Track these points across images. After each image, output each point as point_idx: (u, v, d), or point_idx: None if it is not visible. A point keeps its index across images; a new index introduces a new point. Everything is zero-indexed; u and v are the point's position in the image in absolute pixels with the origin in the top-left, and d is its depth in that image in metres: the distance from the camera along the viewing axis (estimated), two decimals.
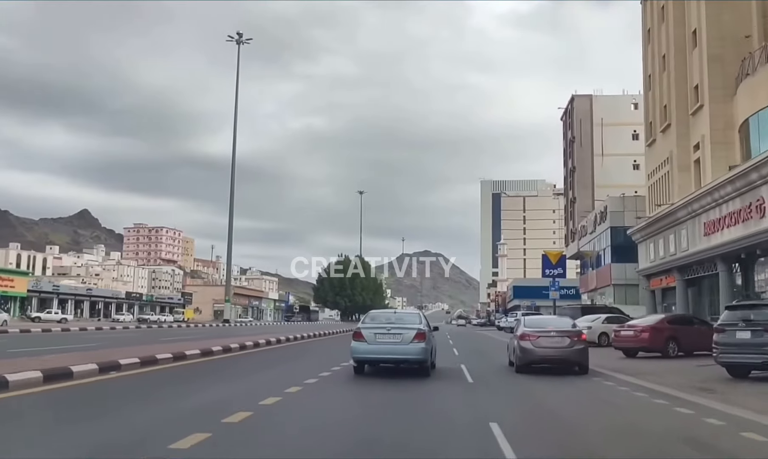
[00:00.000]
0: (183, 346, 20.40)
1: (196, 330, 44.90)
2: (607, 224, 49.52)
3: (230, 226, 59.91)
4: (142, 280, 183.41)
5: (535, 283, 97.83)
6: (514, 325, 48.50)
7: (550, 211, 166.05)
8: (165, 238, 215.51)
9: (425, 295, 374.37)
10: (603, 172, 64.10)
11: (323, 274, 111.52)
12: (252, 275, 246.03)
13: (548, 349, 15.06)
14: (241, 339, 26.04)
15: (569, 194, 68.30)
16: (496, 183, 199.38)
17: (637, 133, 65.27)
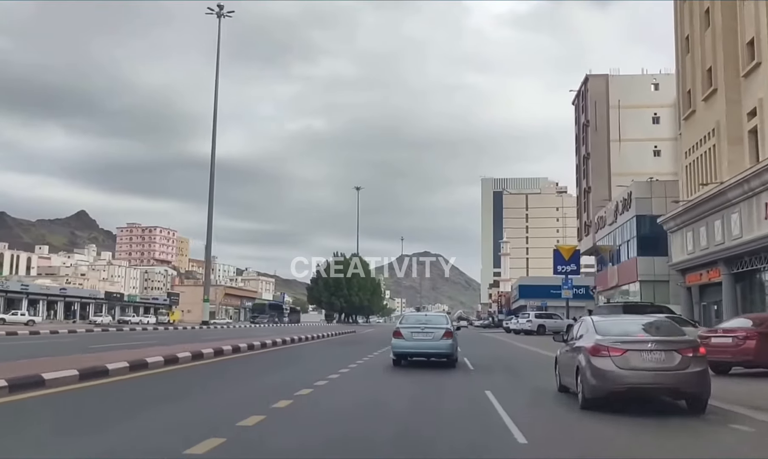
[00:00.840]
0: (110, 357, 15.03)
1: (164, 333, 38.92)
2: (631, 213, 43.49)
3: (210, 219, 53.98)
4: (134, 281, 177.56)
5: (542, 282, 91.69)
6: (525, 327, 42.23)
7: (553, 209, 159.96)
8: (159, 238, 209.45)
9: (424, 296, 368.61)
10: (620, 158, 58.06)
11: (321, 273, 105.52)
12: (248, 276, 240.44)
13: (644, 372, 8.80)
14: (201, 346, 20.21)
15: (582, 184, 62.26)
16: (497, 181, 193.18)
17: (657, 116, 59.33)
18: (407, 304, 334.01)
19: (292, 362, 19.91)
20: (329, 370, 15.19)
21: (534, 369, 17.37)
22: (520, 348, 30.01)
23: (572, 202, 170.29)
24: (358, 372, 16.15)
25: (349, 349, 27.94)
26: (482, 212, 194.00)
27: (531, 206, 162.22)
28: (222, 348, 20.10)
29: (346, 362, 18.12)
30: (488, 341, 39.01)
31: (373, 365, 18.30)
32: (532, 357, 23.66)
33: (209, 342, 23.07)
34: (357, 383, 13.72)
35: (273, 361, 19.63)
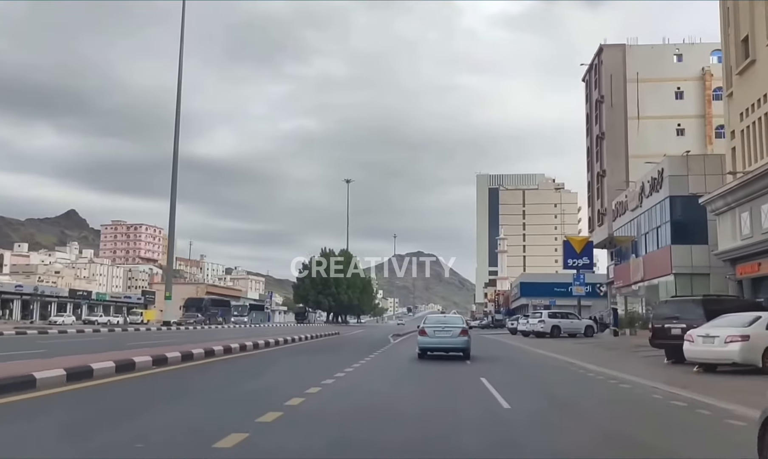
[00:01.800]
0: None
1: (105, 336, 31.65)
2: (663, 193, 36.45)
3: (173, 201, 46.68)
4: (117, 280, 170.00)
5: (546, 279, 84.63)
6: (537, 328, 35.21)
7: (551, 206, 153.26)
8: (144, 236, 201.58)
9: (417, 296, 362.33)
10: (639, 138, 51.10)
11: (302, 270, 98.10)
12: (237, 275, 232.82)
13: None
14: (134, 354, 13.41)
15: (595, 168, 55.28)
16: (493, 177, 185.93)
17: (681, 91, 52.38)
18: (400, 304, 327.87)
19: (206, 387, 12.63)
20: (264, 403, 8.18)
21: (581, 397, 10.19)
22: (542, 356, 22.88)
23: (571, 198, 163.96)
24: (315, 407, 9.01)
25: (324, 358, 20.79)
26: (477, 209, 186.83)
27: (528, 202, 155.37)
28: (134, 360, 13.14)
29: (307, 383, 11.11)
30: (496, 346, 31.88)
31: (350, 392, 11.22)
32: (565, 371, 16.48)
33: (131, 350, 16.08)
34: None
35: (175, 385, 12.34)
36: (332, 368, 14.95)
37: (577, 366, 18.30)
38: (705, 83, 51.37)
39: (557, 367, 18.84)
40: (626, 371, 15.42)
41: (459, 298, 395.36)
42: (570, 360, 20.37)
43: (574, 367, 18.37)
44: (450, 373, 15.69)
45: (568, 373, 16.87)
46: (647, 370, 16.22)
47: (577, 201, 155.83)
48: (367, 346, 28.32)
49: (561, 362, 20.42)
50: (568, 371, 17.27)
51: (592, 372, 16.38)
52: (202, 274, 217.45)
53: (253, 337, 25.89)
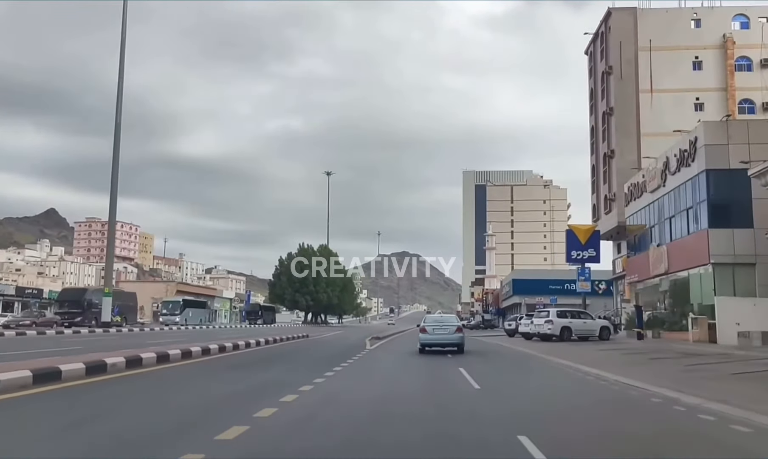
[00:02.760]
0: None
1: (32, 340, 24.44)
2: (698, 166, 29.86)
3: (114, 183, 39.53)
4: (89, 278, 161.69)
5: (540, 275, 78.13)
6: (543, 329, 28.20)
7: (540, 202, 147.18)
8: (119, 234, 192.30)
9: (402, 296, 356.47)
10: (653, 114, 44.69)
11: (279, 267, 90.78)
12: (218, 274, 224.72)
13: None
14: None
15: (600, 148, 48.77)
16: (480, 174, 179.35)
17: (699, 60, 45.95)
18: (384, 303, 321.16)
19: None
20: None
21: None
22: (578, 372, 15.79)
23: (560, 194, 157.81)
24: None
25: (259, 378, 13.62)
26: (464, 207, 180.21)
27: (516, 198, 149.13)
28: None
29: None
30: (500, 355, 24.97)
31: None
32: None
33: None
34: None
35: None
36: (258, 398, 8.08)
37: (642, 390, 11.38)
38: (726, 52, 45.00)
39: (608, 390, 11.95)
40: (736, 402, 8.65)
41: (444, 298, 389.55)
42: (617, 377, 13.49)
43: (635, 390, 11.50)
44: (456, 420, 8.80)
45: (638, 405, 9.96)
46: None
47: (566, 197, 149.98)
48: (333, 354, 21.47)
49: (606, 380, 13.54)
50: (635, 401, 10.35)
51: (682, 404, 9.47)
52: (181, 273, 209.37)
53: (167, 345, 18.84)
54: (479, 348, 28.28)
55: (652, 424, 8.20)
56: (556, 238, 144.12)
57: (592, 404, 10.46)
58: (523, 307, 71.96)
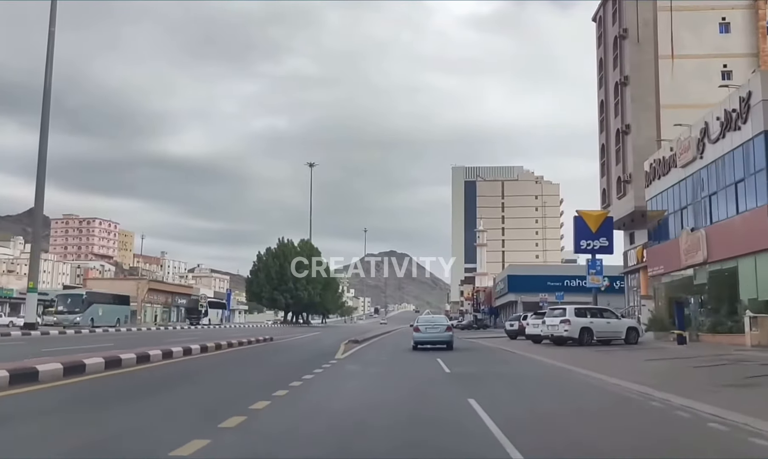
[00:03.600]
0: None
1: None
2: (753, 128, 23.70)
3: (41, 167, 33.00)
4: (64, 277, 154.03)
5: (538, 271, 71.97)
6: (559, 331, 22.32)
7: (532, 197, 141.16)
8: (98, 231, 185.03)
9: (390, 296, 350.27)
10: (674, 83, 38.66)
11: (257, 263, 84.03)
12: (200, 273, 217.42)
13: None
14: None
15: (611, 125, 42.69)
16: (469, 170, 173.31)
17: (726, 22, 39.90)
18: (372, 303, 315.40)
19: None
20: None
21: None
22: (673, 409, 9.38)
23: (553, 190, 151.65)
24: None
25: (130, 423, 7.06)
26: (453, 204, 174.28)
27: (508, 194, 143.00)
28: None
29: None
30: (514, 368, 18.47)
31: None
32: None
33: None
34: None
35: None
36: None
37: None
38: (758, 12, 39.03)
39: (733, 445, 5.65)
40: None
41: (432, 297, 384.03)
42: (724, 414, 7.14)
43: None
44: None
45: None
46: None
47: (559, 193, 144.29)
48: (280, 372, 15.01)
49: (701, 416, 7.20)
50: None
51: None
52: (163, 272, 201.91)
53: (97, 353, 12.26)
54: (485, 357, 22.02)
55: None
56: (549, 235, 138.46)
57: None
58: (519, 306, 65.77)
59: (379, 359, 19.72)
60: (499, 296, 76.97)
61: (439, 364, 16.54)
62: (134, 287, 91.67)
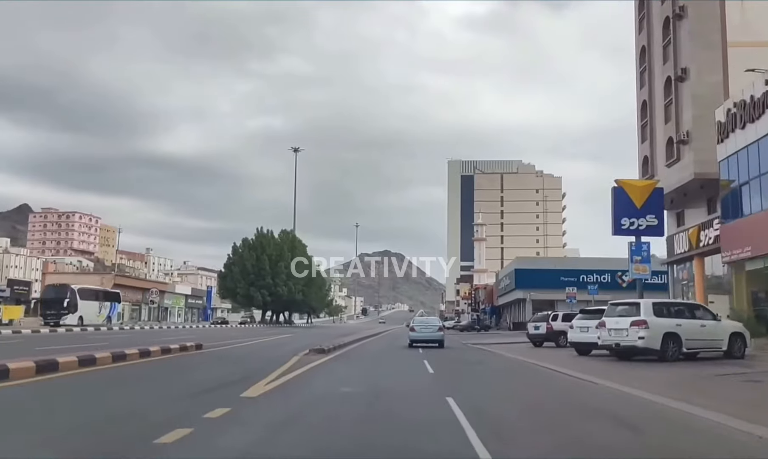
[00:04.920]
0: None
1: None
2: None
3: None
4: (36, 272, 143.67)
5: (550, 265, 62.40)
6: (631, 339, 12.96)
7: (532, 191, 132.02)
8: (78, 226, 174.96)
9: (383, 296, 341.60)
10: (743, 18, 29.49)
11: (232, 256, 74.31)
12: (187, 270, 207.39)
13: None
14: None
15: (656, 74, 33.38)
16: (466, 163, 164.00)
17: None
18: (365, 302, 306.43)
19: None
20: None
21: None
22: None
23: (555, 184, 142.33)
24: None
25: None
26: (448, 198, 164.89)
27: (507, 188, 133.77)
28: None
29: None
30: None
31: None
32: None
33: None
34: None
35: None
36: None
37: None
38: None
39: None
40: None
41: (426, 297, 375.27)
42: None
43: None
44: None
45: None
46: None
47: (561, 187, 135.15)
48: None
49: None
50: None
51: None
52: (147, 269, 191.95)
53: None
54: (537, 390, 12.51)
55: None
56: (550, 231, 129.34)
57: None
58: (528, 304, 56.47)
59: (331, 401, 10.05)
60: (503, 293, 67.55)
61: (462, 429, 6.99)
62: (98, 282, 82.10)
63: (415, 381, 12.70)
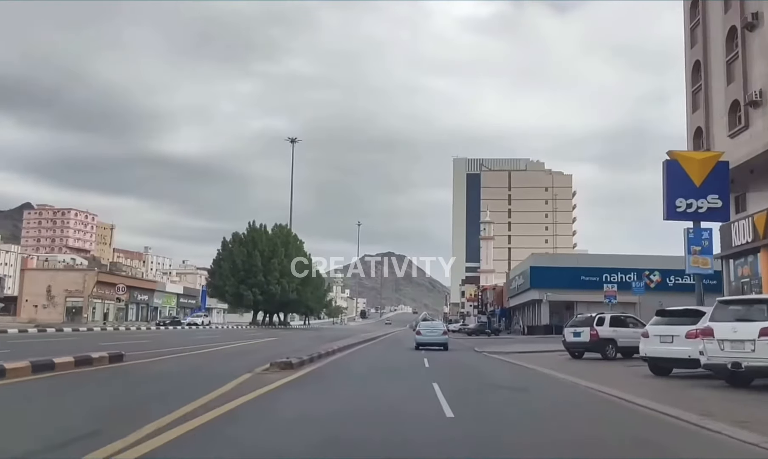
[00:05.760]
0: None
1: None
2: None
3: None
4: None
5: (572, 262, 55.90)
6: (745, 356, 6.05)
7: (541, 189, 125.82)
8: (73, 223, 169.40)
9: (386, 298, 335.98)
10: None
11: (221, 251, 68.39)
12: (186, 269, 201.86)
13: None
14: None
15: (710, 27, 27.40)
16: (471, 162, 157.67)
17: None
18: (368, 304, 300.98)
19: None
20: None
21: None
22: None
23: (565, 181, 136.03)
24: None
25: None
26: (453, 198, 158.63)
27: (515, 185, 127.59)
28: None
29: None
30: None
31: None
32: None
33: None
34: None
35: None
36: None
37: None
38: None
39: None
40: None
41: (430, 299, 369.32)
42: None
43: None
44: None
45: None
46: None
47: (571, 184, 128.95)
48: None
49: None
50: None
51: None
52: (145, 268, 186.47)
53: None
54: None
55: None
56: (560, 231, 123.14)
57: None
58: (545, 305, 50.46)
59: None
60: (515, 294, 61.41)
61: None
62: (80, 279, 76.44)
63: (420, 440, 6.71)
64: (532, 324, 54.56)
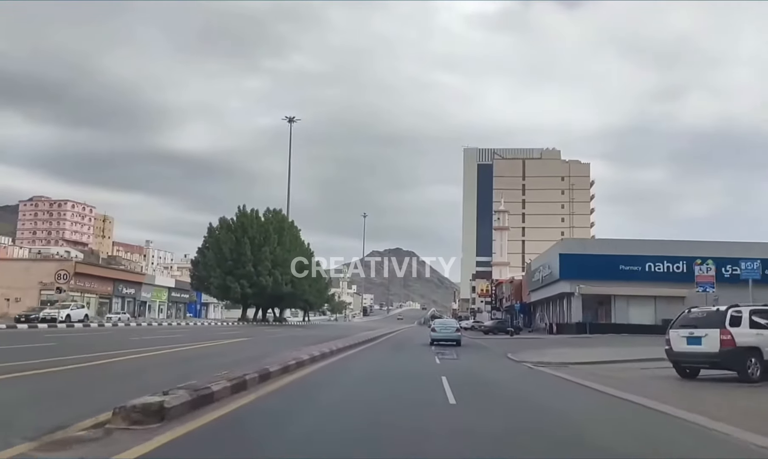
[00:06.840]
0: None
1: None
2: None
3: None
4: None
5: (609, 249, 47.11)
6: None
7: (557, 179, 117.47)
8: (70, 215, 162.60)
9: (395, 294, 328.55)
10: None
11: (207, 239, 60.66)
12: (187, 263, 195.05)
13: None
14: None
15: None
16: (483, 152, 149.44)
17: None
18: (376, 301, 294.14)
19: None
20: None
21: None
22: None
23: (583, 170, 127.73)
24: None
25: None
26: (464, 190, 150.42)
27: (529, 175, 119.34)
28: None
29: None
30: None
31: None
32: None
33: None
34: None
35: None
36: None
37: None
38: None
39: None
40: None
41: (438, 296, 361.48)
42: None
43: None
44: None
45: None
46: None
47: (589, 173, 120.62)
48: None
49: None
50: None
51: None
52: (145, 262, 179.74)
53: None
54: None
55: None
56: (577, 222, 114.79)
57: None
58: (577, 299, 42.50)
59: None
60: (538, 287, 53.30)
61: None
62: (55, 270, 68.97)
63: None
64: (560, 321, 46.62)
